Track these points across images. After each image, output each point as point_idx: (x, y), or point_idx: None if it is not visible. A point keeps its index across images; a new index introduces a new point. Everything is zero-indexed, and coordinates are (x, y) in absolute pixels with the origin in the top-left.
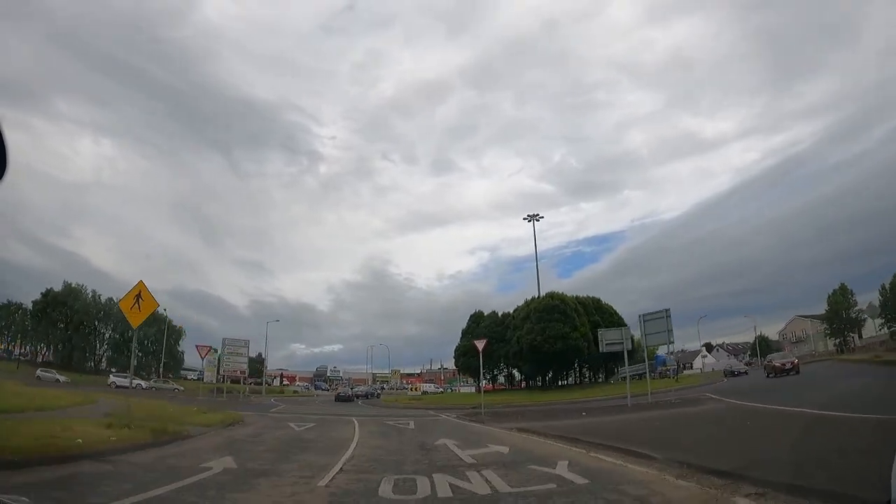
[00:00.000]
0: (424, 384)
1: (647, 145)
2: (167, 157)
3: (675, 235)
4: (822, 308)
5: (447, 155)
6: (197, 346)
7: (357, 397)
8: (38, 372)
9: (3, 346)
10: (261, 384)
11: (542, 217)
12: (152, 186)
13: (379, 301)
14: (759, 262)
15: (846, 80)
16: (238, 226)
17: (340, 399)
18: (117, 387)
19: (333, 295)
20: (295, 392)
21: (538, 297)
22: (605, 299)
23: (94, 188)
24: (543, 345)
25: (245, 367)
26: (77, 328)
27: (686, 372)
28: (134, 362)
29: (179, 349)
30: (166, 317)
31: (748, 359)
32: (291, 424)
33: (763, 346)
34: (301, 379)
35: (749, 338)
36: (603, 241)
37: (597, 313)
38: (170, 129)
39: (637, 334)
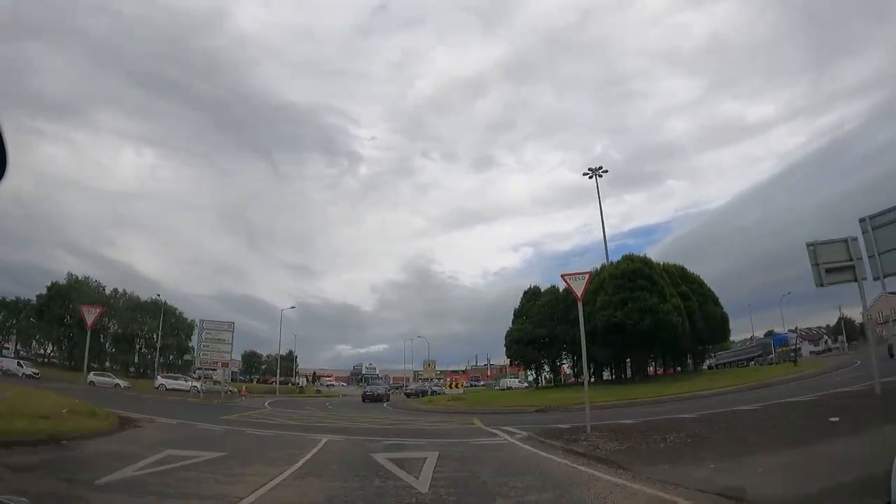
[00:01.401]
0: (466, 381)
1: (688, 133)
2: (209, 164)
3: (721, 225)
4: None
5: (487, 151)
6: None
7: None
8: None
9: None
10: (285, 383)
11: (606, 171)
12: (196, 193)
13: (423, 300)
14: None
15: (893, 56)
16: (281, 229)
17: (369, 398)
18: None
19: (378, 295)
20: (318, 392)
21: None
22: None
23: (138, 197)
24: (625, 321)
25: (228, 357)
26: (79, 323)
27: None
28: (102, 361)
29: (190, 344)
30: (163, 305)
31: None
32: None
33: (849, 328)
34: (338, 378)
35: (815, 323)
36: (648, 233)
37: (683, 283)
38: (211, 136)
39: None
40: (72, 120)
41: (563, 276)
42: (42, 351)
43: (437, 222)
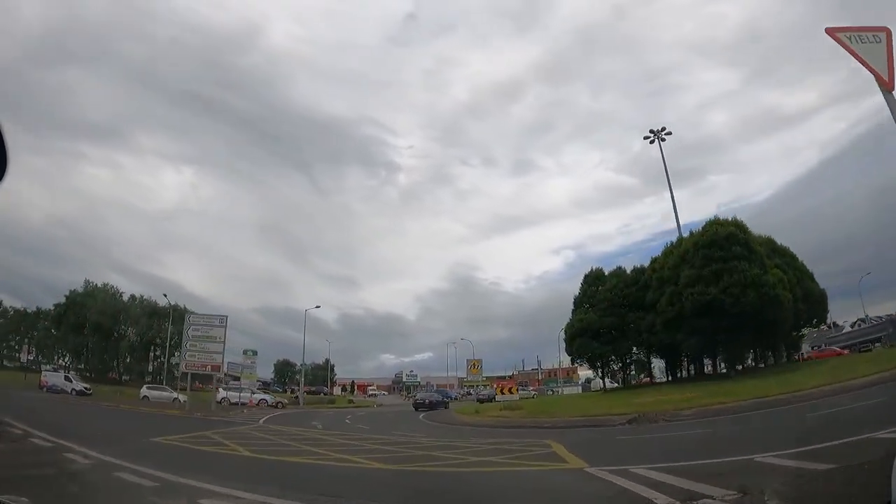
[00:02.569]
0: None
1: (728, 126)
2: (250, 180)
3: (766, 218)
4: None
5: (526, 154)
6: None
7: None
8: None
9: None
10: (317, 392)
11: (670, 133)
12: (237, 209)
13: (467, 307)
14: (860, 237)
15: None
16: (323, 242)
17: (422, 407)
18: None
19: (421, 304)
20: (350, 402)
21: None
22: None
23: (181, 215)
24: (722, 299)
25: (220, 359)
26: (94, 332)
27: None
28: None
29: None
30: (181, 310)
31: None
32: None
33: None
34: (380, 387)
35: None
36: (692, 230)
37: (775, 256)
38: (250, 152)
39: None
40: (113, 142)
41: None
42: (61, 362)
43: (478, 229)
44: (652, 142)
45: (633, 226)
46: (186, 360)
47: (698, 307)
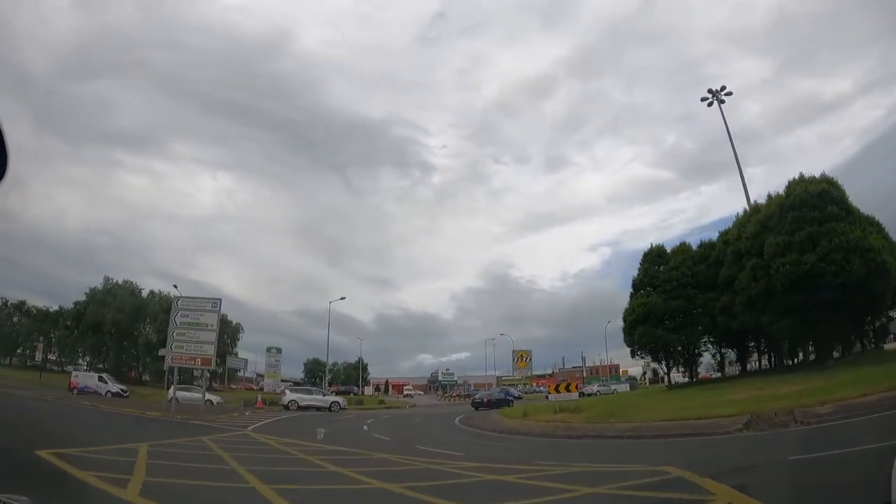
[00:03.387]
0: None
1: (763, 116)
2: (285, 184)
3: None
4: None
5: (559, 151)
6: None
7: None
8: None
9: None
10: (346, 392)
11: (731, 94)
12: (274, 213)
13: (503, 306)
14: None
15: None
16: (359, 243)
17: (482, 406)
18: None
19: (457, 303)
20: (381, 402)
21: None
22: None
23: (219, 221)
24: (823, 269)
25: (212, 351)
26: (113, 330)
27: None
28: None
29: (234, 351)
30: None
31: None
32: None
33: None
34: (416, 387)
35: None
36: (728, 224)
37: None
38: (284, 157)
39: None
40: (150, 150)
41: None
42: (80, 361)
43: (513, 227)
44: (710, 104)
45: (669, 221)
46: (173, 352)
47: (791, 280)
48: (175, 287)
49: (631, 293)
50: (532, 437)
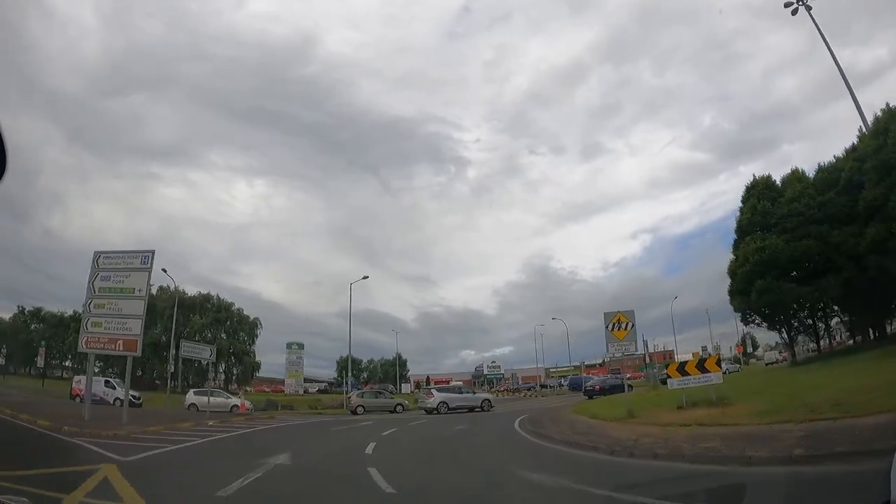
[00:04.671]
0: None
1: (798, 91)
2: (320, 187)
3: None
4: None
5: (594, 138)
6: None
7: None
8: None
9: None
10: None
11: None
12: (310, 217)
13: (545, 299)
14: None
15: None
16: (397, 242)
17: (593, 394)
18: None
19: (499, 298)
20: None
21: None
22: None
23: (255, 226)
24: None
25: (138, 329)
26: None
27: None
28: None
29: (251, 350)
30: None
31: None
32: None
33: None
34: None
35: None
36: None
37: None
38: (318, 160)
39: None
40: (184, 161)
41: None
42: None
43: (551, 218)
44: (795, 11)
45: (709, 204)
46: (88, 332)
47: None
48: (164, 270)
49: (734, 242)
50: (671, 465)
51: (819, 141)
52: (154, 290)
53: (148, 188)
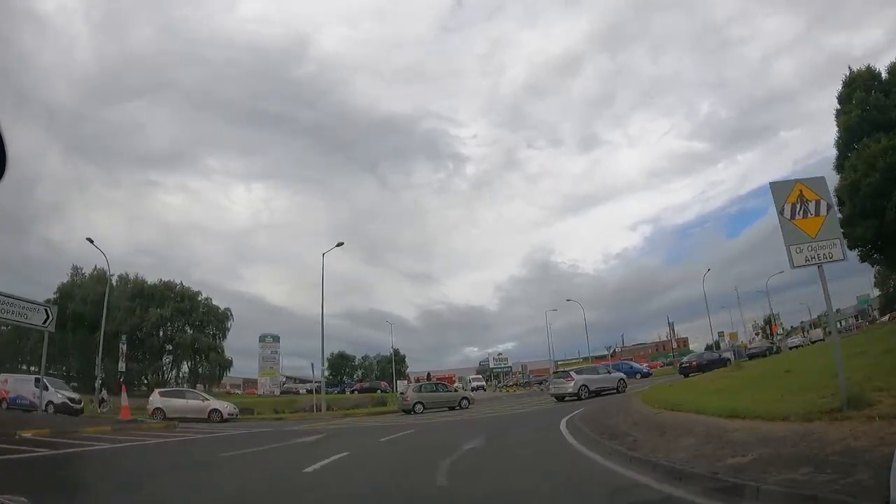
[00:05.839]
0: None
1: (796, 75)
2: (319, 187)
3: None
4: None
5: (591, 129)
6: None
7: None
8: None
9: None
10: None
11: None
12: (310, 218)
13: (547, 293)
14: None
15: None
16: (398, 240)
17: (689, 371)
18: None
19: (502, 293)
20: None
21: None
22: (781, 253)
23: (256, 230)
24: None
25: None
26: (76, 327)
27: None
28: None
29: (218, 345)
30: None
31: None
32: None
33: None
34: (461, 380)
35: None
36: (768, 192)
37: None
38: (315, 160)
39: None
40: (183, 168)
41: None
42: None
43: (552, 211)
44: None
45: (708, 193)
46: None
47: None
48: (90, 240)
49: (838, 157)
50: None
51: (818, 126)
52: (114, 281)
53: (148, 196)
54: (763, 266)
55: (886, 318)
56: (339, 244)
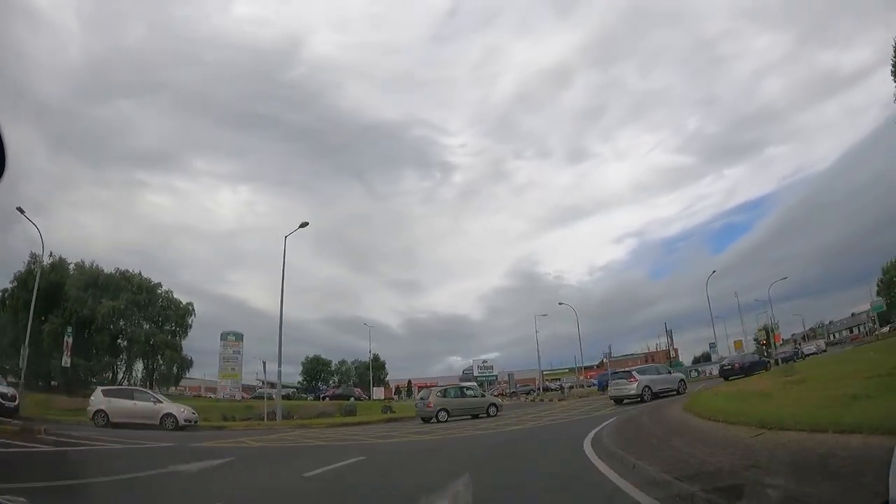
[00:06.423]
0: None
1: (784, 93)
2: (305, 192)
3: (833, 187)
4: None
5: (579, 142)
6: None
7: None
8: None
9: None
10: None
11: None
12: (295, 222)
13: (532, 303)
14: None
15: None
16: (383, 248)
17: (730, 374)
18: None
19: (486, 303)
20: (388, 409)
21: None
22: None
23: (241, 233)
24: None
25: None
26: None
27: None
28: None
29: (177, 342)
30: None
31: None
32: None
33: None
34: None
35: None
36: (753, 208)
37: None
38: (302, 165)
39: None
40: (170, 168)
41: None
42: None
43: (538, 222)
44: None
45: (694, 207)
46: None
47: None
48: (20, 210)
49: None
50: None
51: (805, 143)
52: (71, 269)
53: (136, 196)
54: (746, 280)
55: (887, 329)
56: (304, 224)
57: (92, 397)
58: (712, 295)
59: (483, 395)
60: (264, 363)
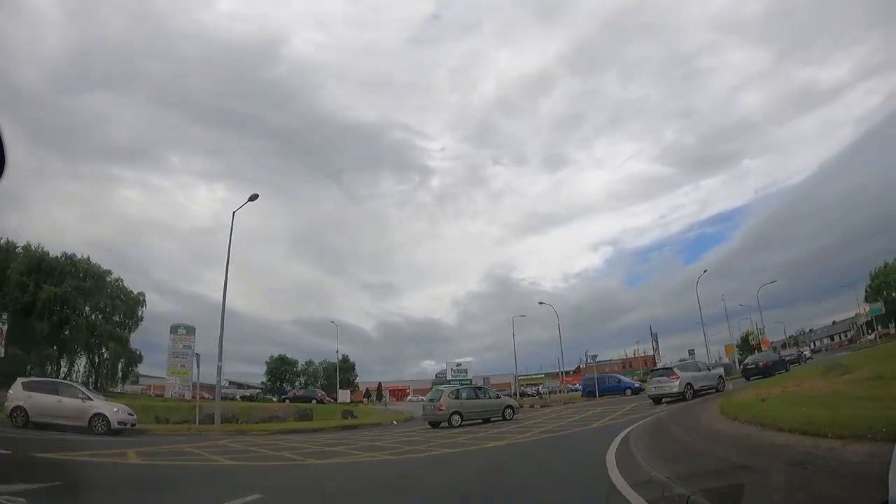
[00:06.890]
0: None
1: (761, 107)
2: (282, 192)
3: (807, 200)
4: None
5: (557, 150)
6: None
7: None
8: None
9: None
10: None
11: None
12: (271, 222)
13: (507, 309)
14: None
15: None
16: (359, 250)
17: (753, 373)
18: None
19: (460, 308)
20: (349, 415)
21: None
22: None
23: (215, 232)
24: None
25: None
26: None
27: None
28: None
29: (123, 335)
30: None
31: None
32: None
33: None
34: (418, 391)
35: None
36: (727, 219)
37: None
38: (280, 165)
39: None
40: (145, 164)
41: None
42: None
43: (514, 228)
44: None
45: (668, 217)
46: None
47: None
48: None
49: None
50: None
51: (781, 156)
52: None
53: (109, 190)
54: (722, 290)
55: (873, 336)
56: (253, 197)
57: (10, 391)
58: (689, 304)
59: (498, 397)
60: (198, 356)
